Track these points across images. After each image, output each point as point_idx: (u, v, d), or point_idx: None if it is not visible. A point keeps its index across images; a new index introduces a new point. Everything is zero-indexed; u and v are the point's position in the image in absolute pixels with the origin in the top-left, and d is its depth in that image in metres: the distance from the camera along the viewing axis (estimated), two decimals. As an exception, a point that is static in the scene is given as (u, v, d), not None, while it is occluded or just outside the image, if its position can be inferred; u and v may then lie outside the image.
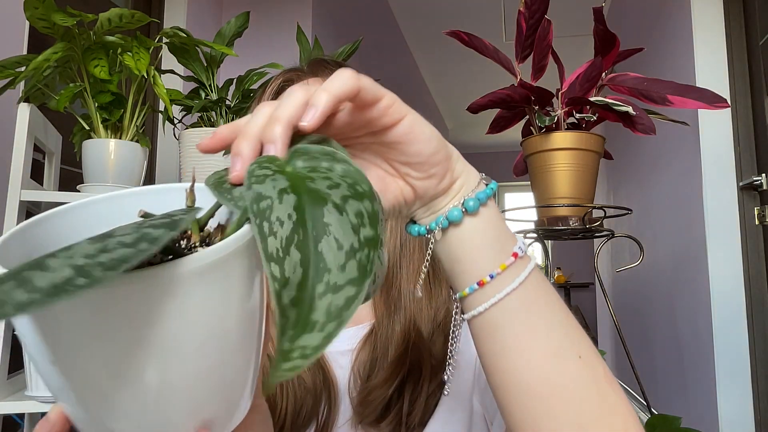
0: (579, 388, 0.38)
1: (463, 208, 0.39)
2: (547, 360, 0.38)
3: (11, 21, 1.40)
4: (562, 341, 0.38)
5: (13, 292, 0.19)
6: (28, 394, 1.03)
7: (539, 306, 0.39)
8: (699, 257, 2.17)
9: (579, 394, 0.38)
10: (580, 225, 1.27)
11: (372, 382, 0.61)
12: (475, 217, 0.39)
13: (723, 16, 2.09)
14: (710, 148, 2.08)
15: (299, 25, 1.56)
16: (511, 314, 0.38)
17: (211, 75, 1.28)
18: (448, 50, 4.91)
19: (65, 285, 0.19)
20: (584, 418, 0.37)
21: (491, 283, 0.38)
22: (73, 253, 0.22)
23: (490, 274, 0.38)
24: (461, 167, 0.40)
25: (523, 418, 0.38)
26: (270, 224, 0.24)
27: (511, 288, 0.38)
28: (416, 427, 0.61)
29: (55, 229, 0.32)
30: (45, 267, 0.20)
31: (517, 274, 0.38)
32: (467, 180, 0.40)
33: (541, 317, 0.38)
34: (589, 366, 0.38)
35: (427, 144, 0.37)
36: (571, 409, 0.38)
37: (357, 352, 0.64)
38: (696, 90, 1.18)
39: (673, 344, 2.61)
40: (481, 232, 0.39)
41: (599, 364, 0.39)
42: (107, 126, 1.13)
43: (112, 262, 0.21)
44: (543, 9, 1.20)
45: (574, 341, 0.39)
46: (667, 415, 1.30)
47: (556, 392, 0.38)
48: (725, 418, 1.99)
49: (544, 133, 1.25)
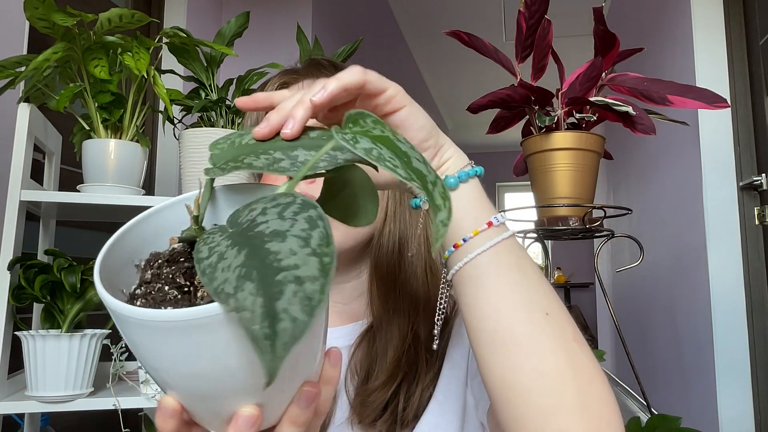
0: (543, 341, 0.42)
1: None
2: (513, 312, 0.43)
3: (11, 21, 1.40)
4: (531, 297, 0.43)
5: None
6: (28, 394, 1.04)
7: (509, 266, 0.44)
8: (699, 257, 2.17)
9: (542, 346, 0.42)
10: (580, 225, 1.27)
11: (372, 384, 0.61)
12: (455, 192, 0.45)
13: (723, 17, 2.09)
14: (710, 148, 2.08)
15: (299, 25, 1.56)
16: (482, 269, 0.44)
17: (211, 75, 1.28)
18: (448, 50, 4.91)
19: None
20: (547, 369, 0.41)
21: (464, 245, 0.44)
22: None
23: (463, 238, 0.44)
24: (451, 153, 0.47)
25: (491, 367, 0.43)
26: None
27: (482, 249, 0.44)
28: (410, 421, 0.61)
29: (146, 231, 0.37)
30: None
31: (490, 238, 0.44)
32: (455, 163, 0.47)
33: (511, 275, 0.44)
34: (556, 324, 0.43)
35: (419, 131, 0.45)
36: (533, 360, 0.41)
37: (354, 349, 0.65)
38: (696, 90, 1.18)
39: (673, 344, 2.61)
40: (460, 204, 0.45)
41: (568, 325, 0.43)
42: (107, 126, 1.13)
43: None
44: (543, 9, 1.20)
45: (542, 300, 0.44)
46: (667, 415, 1.30)
47: (520, 341, 0.42)
48: (725, 418, 1.99)
49: (544, 133, 1.25)
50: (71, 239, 1.68)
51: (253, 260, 0.26)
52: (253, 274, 0.25)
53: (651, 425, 1.29)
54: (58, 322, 1.06)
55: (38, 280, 1.03)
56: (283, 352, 0.23)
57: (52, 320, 1.07)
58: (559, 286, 6.58)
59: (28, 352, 1.02)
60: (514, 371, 0.42)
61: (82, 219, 1.63)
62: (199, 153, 1.22)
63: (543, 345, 0.42)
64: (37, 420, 1.22)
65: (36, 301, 1.06)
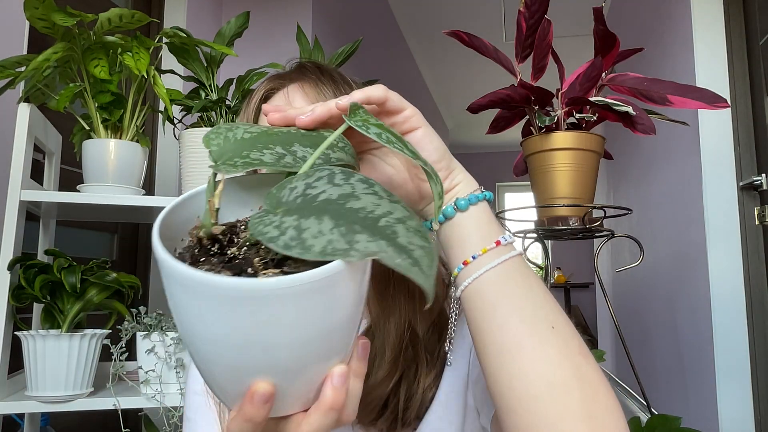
0: (549, 351, 0.43)
1: (455, 206, 0.48)
2: (520, 325, 0.44)
3: (11, 21, 1.40)
4: (537, 312, 0.45)
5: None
6: (28, 394, 1.04)
7: (516, 282, 0.46)
8: (699, 257, 2.17)
9: (548, 356, 0.43)
10: (580, 225, 1.27)
11: (369, 383, 0.61)
12: (465, 213, 0.48)
13: (723, 16, 2.09)
14: (710, 148, 2.08)
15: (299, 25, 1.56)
16: (490, 285, 0.46)
17: (211, 75, 1.28)
18: (448, 50, 4.91)
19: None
20: (553, 378, 0.42)
21: (473, 263, 0.46)
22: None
23: (472, 256, 0.46)
24: (461, 177, 0.49)
25: (497, 376, 0.44)
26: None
27: (491, 266, 0.46)
28: (412, 421, 0.61)
29: (195, 207, 0.38)
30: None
31: (498, 255, 0.46)
32: (465, 187, 0.49)
33: (518, 291, 0.46)
34: (562, 337, 0.44)
35: (433, 152, 0.47)
36: (539, 368, 0.43)
37: None
38: (696, 90, 1.18)
39: (673, 344, 2.61)
40: (470, 226, 0.48)
41: (573, 338, 0.45)
42: (107, 126, 1.13)
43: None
44: (543, 9, 1.20)
45: (548, 315, 0.45)
46: (667, 415, 1.31)
47: (526, 350, 0.43)
48: (725, 418, 1.99)
49: (544, 133, 1.25)
50: (71, 239, 1.68)
51: (343, 220, 0.29)
52: (356, 227, 0.29)
53: (651, 425, 1.29)
54: (58, 322, 1.06)
55: (38, 280, 1.03)
56: (431, 270, 0.28)
57: (52, 320, 1.07)
58: (559, 286, 6.58)
59: (28, 352, 1.03)
60: (520, 379, 0.43)
61: (82, 219, 1.63)
62: (199, 153, 1.22)
63: (549, 355, 0.43)
64: (37, 420, 1.22)
65: (36, 301, 1.06)
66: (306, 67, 0.71)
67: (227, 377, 0.33)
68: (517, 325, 0.44)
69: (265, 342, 0.30)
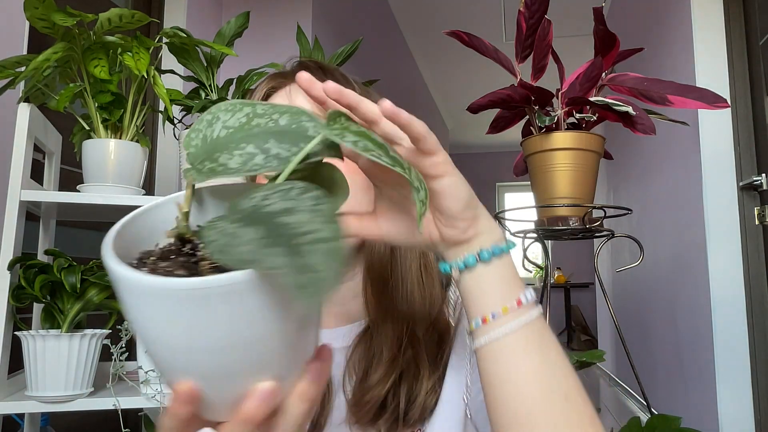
0: (560, 428, 0.45)
1: (477, 256, 0.47)
2: (534, 394, 0.45)
3: (11, 21, 1.40)
4: (551, 382, 0.46)
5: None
6: (28, 394, 1.04)
7: (534, 349, 0.46)
8: (699, 257, 2.17)
9: (560, 429, 0.44)
10: (580, 225, 1.27)
11: (366, 383, 0.61)
12: (488, 266, 0.47)
13: (723, 16, 2.09)
14: (710, 148, 2.08)
15: (299, 25, 1.56)
16: (508, 350, 0.46)
17: (211, 75, 1.28)
18: (448, 50, 4.91)
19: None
20: None
21: (492, 322, 0.46)
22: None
23: (492, 313, 0.46)
24: (486, 225, 0.48)
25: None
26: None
27: (510, 330, 0.46)
28: (416, 423, 0.61)
29: (150, 221, 0.38)
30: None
31: (518, 317, 0.46)
32: (489, 236, 0.48)
33: (534, 358, 0.46)
34: (574, 409, 0.45)
35: (458, 202, 0.46)
36: None
37: (351, 350, 0.65)
38: (696, 90, 1.18)
39: (673, 344, 2.61)
40: (491, 278, 0.47)
41: (585, 408, 0.46)
42: (107, 126, 1.13)
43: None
44: (543, 9, 1.20)
45: (563, 384, 0.46)
46: (667, 415, 1.31)
47: (537, 423, 0.45)
48: (725, 418, 1.99)
49: (544, 133, 1.25)
50: (71, 239, 1.68)
51: (272, 232, 0.29)
52: (279, 240, 0.28)
53: (651, 425, 1.29)
54: (58, 322, 1.06)
55: (38, 280, 1.03)
56: (317, 297, 0.26)
57: (52, 320, 1.07)
58: (559, 286, 6.58)
59: (28, 352, 1.02)
60: None
61: (82, 219, 1.63)
62: (199, 153, 1.22)
63: (559, 430, 0.45)
64: (37, 420, 1.22)
65: (36, 301, 1.06)
66: (308, 66, 0.70)
67: (164, 375, 0.34)
68: (532, 396, 0.45)
69: (185, 344, 0.31)
